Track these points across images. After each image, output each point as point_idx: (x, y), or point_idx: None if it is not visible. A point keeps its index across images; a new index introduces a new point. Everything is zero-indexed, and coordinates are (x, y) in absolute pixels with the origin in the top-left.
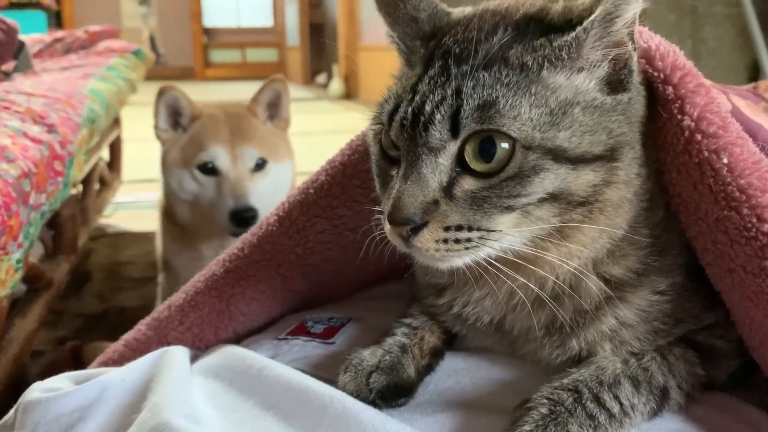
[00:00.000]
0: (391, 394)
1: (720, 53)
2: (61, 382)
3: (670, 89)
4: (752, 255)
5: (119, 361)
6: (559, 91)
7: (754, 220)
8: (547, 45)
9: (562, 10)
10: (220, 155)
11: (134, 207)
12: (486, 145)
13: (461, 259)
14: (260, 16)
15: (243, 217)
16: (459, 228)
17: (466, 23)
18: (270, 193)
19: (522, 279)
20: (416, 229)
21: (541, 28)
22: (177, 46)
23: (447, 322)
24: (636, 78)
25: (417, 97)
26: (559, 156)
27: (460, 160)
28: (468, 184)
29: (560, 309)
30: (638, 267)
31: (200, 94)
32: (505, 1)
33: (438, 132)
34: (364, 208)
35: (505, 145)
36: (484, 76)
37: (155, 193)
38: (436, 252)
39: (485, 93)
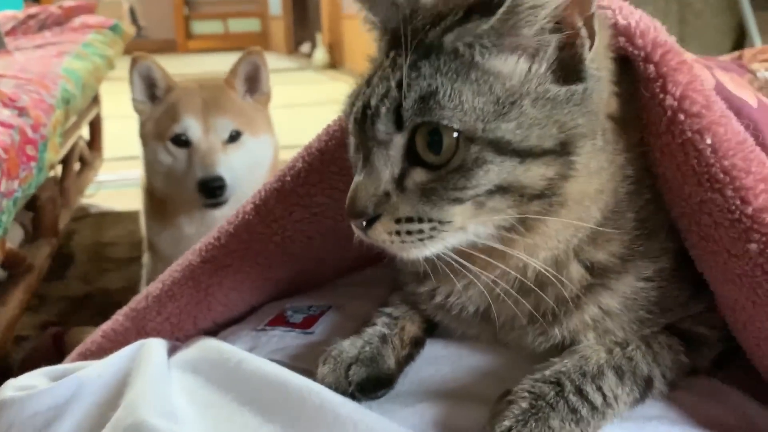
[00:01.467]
0: (371, 386)
1: (705, 16)
2: (37, 378)
3: (651, 67)
4: (736, 238)
5: (97, 351)
6: (502, 77)
7: (738, 202)
8: (473, 30)
9: None
10: (192, 126)
11: (117, 186)
12: (434, 137)
13: (420, 251)
14: None
15: (210, 187)
16: (410, 220)
17: (431, 6)
18: (247, 167)
19: (501, 266)
20: (371, 222)
21: (488, 9)
22: (158, 18)
23: (428, 310)
24: (591, 66)
25: (368, 91)
26: (502, 148)
27: (412, 151)
28: (419, 175)
29: (544, 296)
30: (623, 252)
31: (183, 66)
32: None
33: (383, 125)
34: (343, 196)
35: (452, 136)
36: (424, 65)
37: (138, 171)
38: (392, 244)
39: (425, 84)
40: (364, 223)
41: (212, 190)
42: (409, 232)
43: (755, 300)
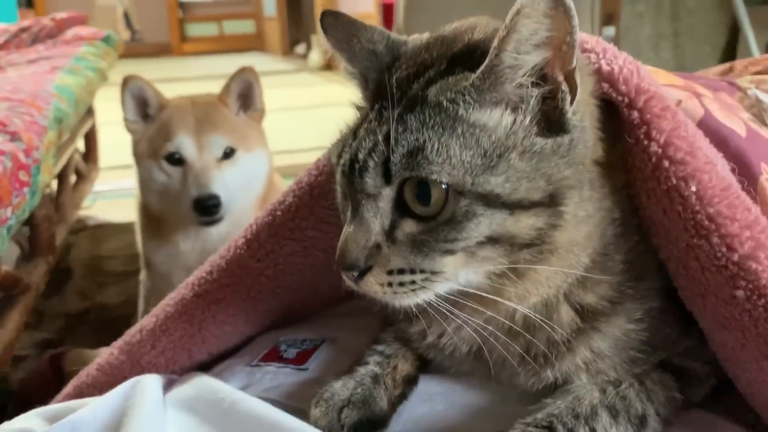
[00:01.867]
0: (364, 428)
1: (699, 13)
2: (32, 420)
3: (635, 114)
4: (723, 283)
5: (93, 384)
6: (488, 130)
7: (724, 249)
8: (455, 84)
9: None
10: (185, 144)
11: (114, 196)
12: (423, 189)
13: (411, 299)
14: None
15: (205, 205)
16: (401, 271)
17: (414, 56)
18: (241, 183)
19: (489, 312)
20: (362, 273)
21: (472, 61)
22: (152, 21)
23: (421, 349)
24: (574, 118)
25: (354, 143)
26: (492, 202)
27: (401, 203)
28: (409, 227)
29: (534, 340)
30: (612, 295)
31: (179, 70)
32: (463, 24)
33: (372, 179)
34: (332, 229)
35: (441, 189)
36: (411, 119)
37: (135, 180)
38: (384, 294)
39: (412, 138)
40: (356, 274)
41: (207, 209)
42: (401, 284)
43: (744, 343)
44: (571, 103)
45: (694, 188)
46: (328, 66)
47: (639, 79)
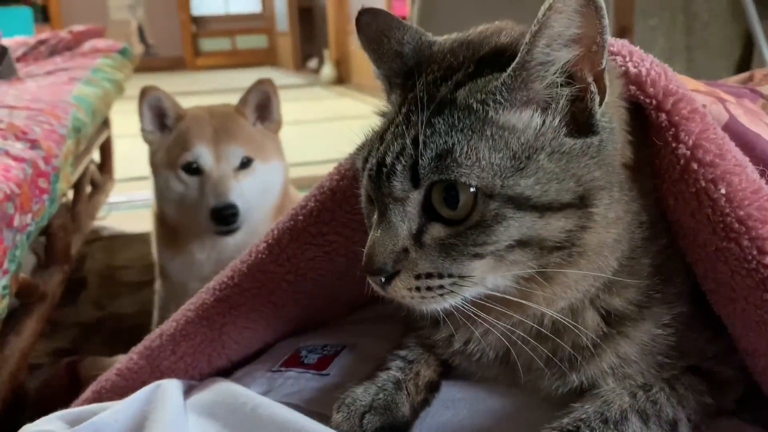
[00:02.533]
0: None
1: (713, 26)
2: (53, 423)
3: (663, 116)
4: (753, 287)
5: (112, 390)
6: (516, 132)
7: (755, 252)
8: (485, 85)
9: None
10: (203, 154)
11: (129, 207)
12: (451, 192)
13: (439, 304)
14: (248, 2)
15: (223, 215)
16: (429, 276)
17: (440, 59)
18: (258, 193)
19: (517, 316)
20: (390, 278)
21: (500, 63)
22: (166, 36)
23: (446, 356)
24: (603, 119)
25: (381, 147)
26: (522, 204)
27: (428, 206)
28: (437, 231)
29: (561, 343)
30: (640, 299)
31: (192, 84)
32: (489, 28)
33: (400, 183)
34: (354, 234)
35: (469, 192)
36: (439, 121)
37: (149, 192)
38: (411, 299)
39: (441, 141)
40: (383, 279)
41: (225, 218)
42: (429, 288)
43: None
44: (600, 104)
45: (723, 191)
46: (340, 80)
47: (667, 81)
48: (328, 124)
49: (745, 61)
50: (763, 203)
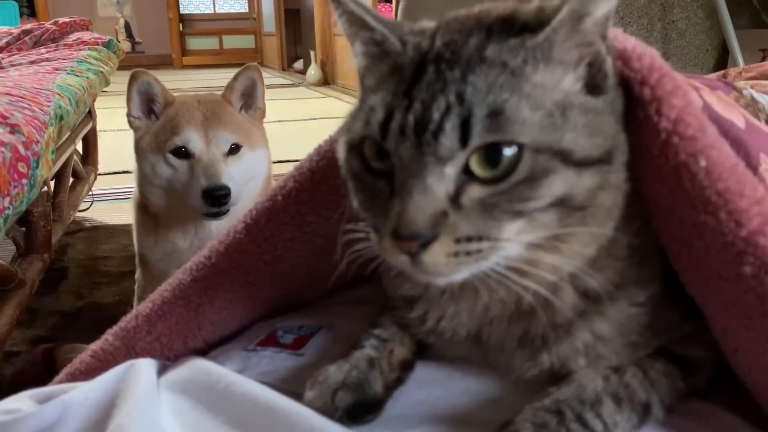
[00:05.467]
0: (358, 411)
1: (689, 35)
2: (22, 402)
3: (647, 90)
4: (729, 261)
5: (87, 372)
6: (549, 91)
7: (732, 225)
8: (522, 45)
9: (536, 10)
10: (193, 139)
11: (111, 199)
12: (492, 152)
13: (471, 270)
14: (236, 3)
15: (216, 195)
16: (469, 239)
17: (445, 27)
18: (244, 180)
19: (523, 282)
20: (425, 244)
21: (514, 29)
22: (154, 34)
23: (420, 334)
24: (612, 81)
25: (416, 104)
26: (567, 158)
27: (466, 166)
28: (475, 191)
29: (536, 322)
30: (616, 279)
31: (179, 82)
32: (474, 9)
33: (448, 141)
34: (333, 215)
35: (512, 150)
36: (478, 79)
37: (133, 185)
38: (445, 267)
39: (490, 99)
40: (420, 246)
41: (218, 198)
42: (468, 252)
43: (747, 325)
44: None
45: (703, 164)
46: (325, 81)
47: (652, 58)
48: (313, 123)
49: (720, 69)
50: (740, 177)
